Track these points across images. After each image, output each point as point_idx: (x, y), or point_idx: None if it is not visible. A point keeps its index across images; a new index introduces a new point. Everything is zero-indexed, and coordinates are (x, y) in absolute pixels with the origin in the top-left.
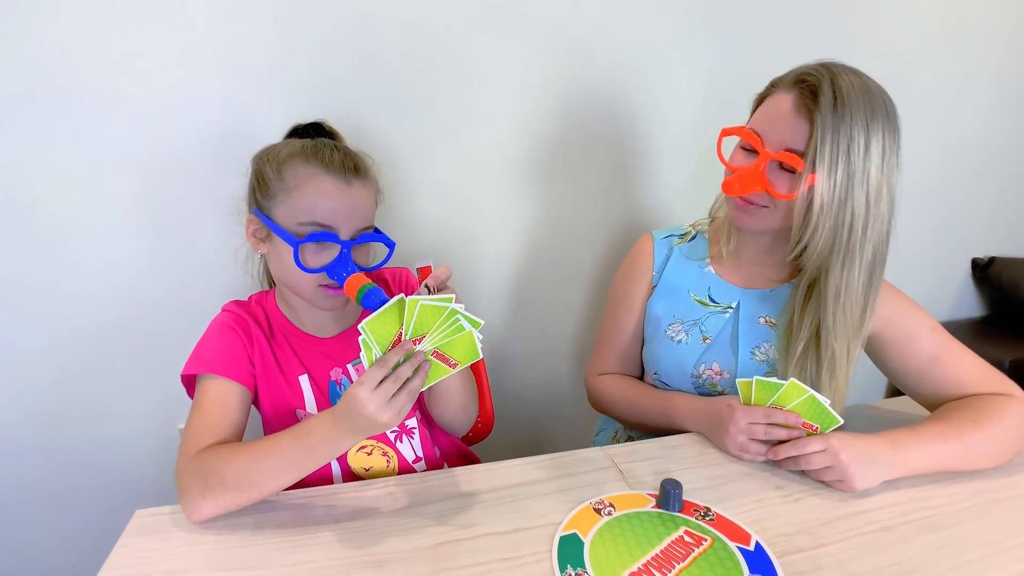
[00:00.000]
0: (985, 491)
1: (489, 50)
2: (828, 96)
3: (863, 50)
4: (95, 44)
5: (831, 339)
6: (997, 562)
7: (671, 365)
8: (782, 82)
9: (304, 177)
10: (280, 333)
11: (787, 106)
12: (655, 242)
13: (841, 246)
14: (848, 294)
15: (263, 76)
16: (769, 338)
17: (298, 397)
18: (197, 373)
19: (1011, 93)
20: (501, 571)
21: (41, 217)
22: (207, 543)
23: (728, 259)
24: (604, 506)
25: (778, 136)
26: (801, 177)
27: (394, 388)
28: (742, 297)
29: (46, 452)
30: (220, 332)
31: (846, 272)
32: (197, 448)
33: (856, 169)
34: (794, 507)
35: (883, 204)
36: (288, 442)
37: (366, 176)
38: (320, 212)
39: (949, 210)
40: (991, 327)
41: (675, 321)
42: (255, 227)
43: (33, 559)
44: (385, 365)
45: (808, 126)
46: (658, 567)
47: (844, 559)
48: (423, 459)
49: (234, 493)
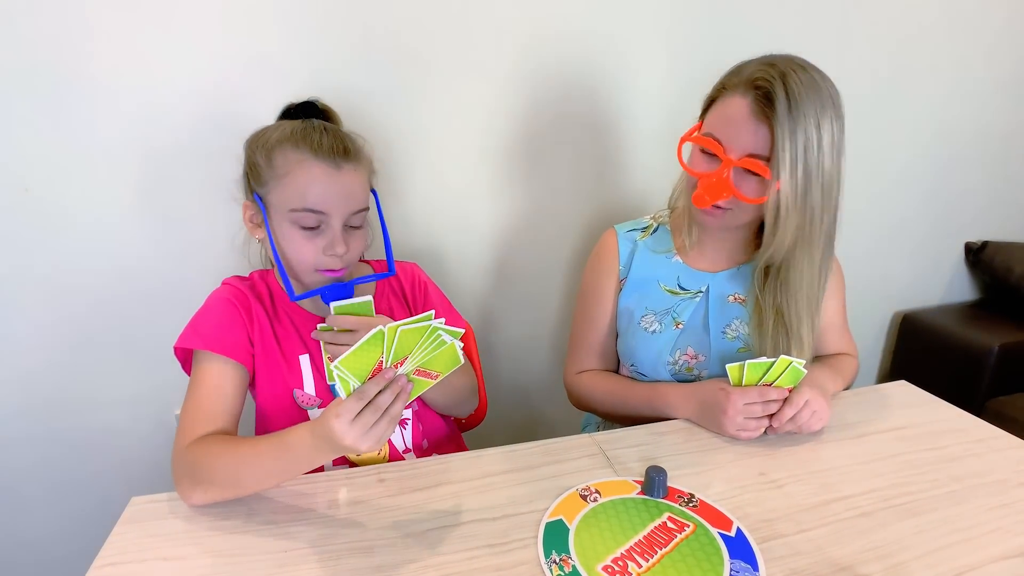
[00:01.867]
0: (963, 477)
1: (470, 40)
2: (783, 101)
3: (855, 36)
4: (86, 30)
5: (794, 318)
6: (972, 547)
7: (647, 356)
8: (732, 84)
9: (294, 163)
10: (283, 310)
11: (743, 112)
12: (619, 236)
13: (804, 238)
14: (808, 278)
15: (252, 61)
16: (740, 315)
17: (297, 377)
18: (194, 348)
19: (1005, 77)
20: (488, 556)
21: (32, 206)
22: (202, 530)
23: (691, 249)
24: (590, 492)
25: (739, 143)
26: (768, 183)
27: (374, 418)
28: (711, 280)
29: (42, 439)
30: (220, 307)
31: (807, 259)
32: (192, 437)
33: (812, 166)
34: (776, 493)
35: (835, 190)
36: (268, 452)
37: (357, 158)
38: (311, 198)
39: (943, 194)
40: (983, 311)
41: (647, 313)
42: (251, 212)
43: (31, 545)
44: (364, 397)
45: (768, 132)
46: (640, 553)
47: (823, 544)
48: (412, 449)
49: (221, 489)
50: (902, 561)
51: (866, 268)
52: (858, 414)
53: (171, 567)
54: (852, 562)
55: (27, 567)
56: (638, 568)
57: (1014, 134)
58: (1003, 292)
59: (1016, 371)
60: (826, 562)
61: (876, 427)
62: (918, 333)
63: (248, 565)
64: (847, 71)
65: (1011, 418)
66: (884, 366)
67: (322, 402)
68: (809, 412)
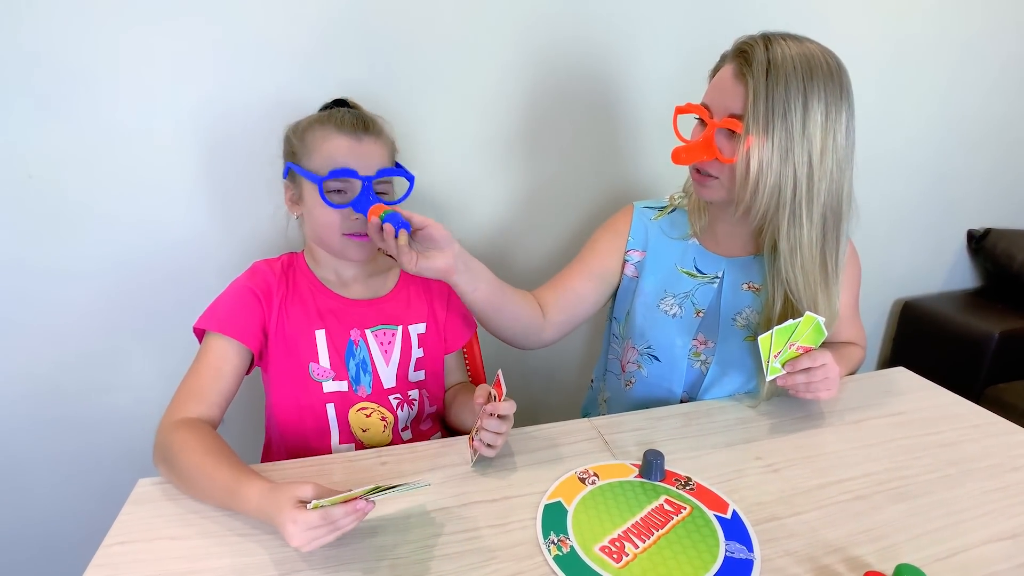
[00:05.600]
0: (959, 461)
1: (469, 26)
2: (761, 61)
3: (859, 21)
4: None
5: (797, 297)
6: (963, 529)
7: (666, 338)
8: (728, 53)
9: (320, 138)
10: (305, 285)
11: (728, 75)
12: (635, 211)
13: (786, 204)
14: (802, 252)
15: (251, 51)
16: (752, 303)
17: (311, 351)
18: (206, 329)
19: (1008, 64)
20: (488, 537)
21: (35, 192)
22: (207, 511)
23: (704, 233)
24: (588, 475)
25: (722, 104)
26: (739, 139)
27: (324, 534)
28: (727, 266)
29: (50, 424)
30: (238, 294)
31: (796, 229)
32: (182, 414)
33: (795, 131)
34: (773, 477)
35: (829, 162)
36: (219, 482)
37: (378, 132)
38: (337, 161)
39: (945, 181)
40: (984, 299)
41: (666, 295)
42: (291, 192)
43: (40, 526)
44: (329, 520)
45: (744, 90)
46: (637, 534)
47: (817, 526)
48: (409, 429)
49: (177, 479)
50: (894, 543)
51: (867, 255)
52: (856, 400)
53: (178, 546)
54: (845, 544)
55: (36, 547)
56: (635, 549)
57: (1017, 121)
58: (1005, 279)
59: (1016, 358)
60: (819, 544)
61: (874, 413)
62: (919, 320)
63: (253, 545)
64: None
65: (1010, 405)
66: (884, 353)
67: (335, 375)
68: (823, 375)
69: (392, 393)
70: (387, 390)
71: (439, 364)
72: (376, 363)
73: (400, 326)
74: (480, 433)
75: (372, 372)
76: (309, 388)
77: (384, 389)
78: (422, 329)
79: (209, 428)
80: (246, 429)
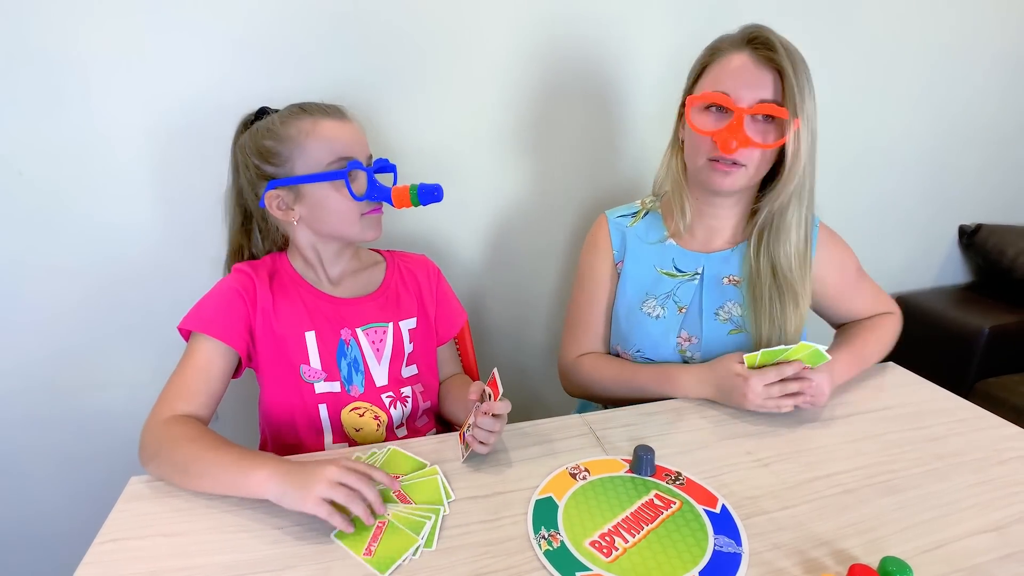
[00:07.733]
0: (946, 455)
1: (464, 23)
2: (781, 47)
3: (851, 17)
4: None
5: (788, 273)
6: (949, 522)
7: (654, 340)
8: (724, 47)
9: (309, 126)
10: (292, 287)
11: (747, 63)
12: (609, 222)
13: (800, 185)
14: (797, 232)
15: (244, 46)
16: (734, 297)
17: (302, 353)
18: (192, 330)
19: (998, 60)
20: (479, 532)
21: (27, 189)
22: (200, 507)
23: (685, 232)
24: (579, 471)
25: (749, 92)
26: (787, 124)
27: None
28: (706, 262)
29: (45, 420)
30: (223, 295)
31: (796, 211)
32: (169, 411)
33: (812, 110)
34: (762, 471)
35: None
36: (229, 460)
37: (352, 115)
38: (339, 147)
39: (937, 177)
40: (975, 294)
41: (648, 297)
42: (278, 200)
43: (35, 522)
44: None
45: (774, 76)
46: (627, 528)
47: (805, 520)
48: (405, 426)
49: (171, 473)
50: (881, 536)
51: (859, 250)
52: (846, 395)
53: (171, 543)
54: (833, 537)
55: (30, 544)
56: (624, 543)
57: (1008, 117)
58: (996, 275)
59: (1006, 353)
60: (807, 537)
61: (863, 407)
62: (910, 315)
63: (245, 541)
64: (842, 53)
65: (1000, 399)
66: None
67: (327, 376)
68: (808, 396)
69: (385, 391)
70: (379, 388)
71: (432, 357)
72: (368, 362)
73: (391, 323)
74: (474, 431)
75: (364, 371)
76: (301, 389)
77: (376, 388)
78: (412, 324)
79: (200, 422)
80: (240, 429)
